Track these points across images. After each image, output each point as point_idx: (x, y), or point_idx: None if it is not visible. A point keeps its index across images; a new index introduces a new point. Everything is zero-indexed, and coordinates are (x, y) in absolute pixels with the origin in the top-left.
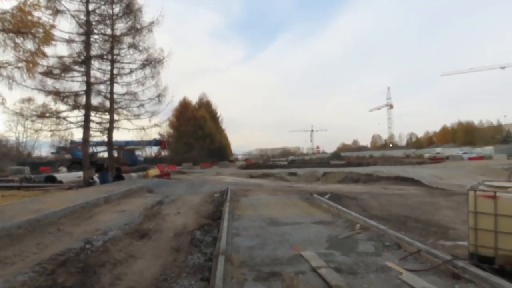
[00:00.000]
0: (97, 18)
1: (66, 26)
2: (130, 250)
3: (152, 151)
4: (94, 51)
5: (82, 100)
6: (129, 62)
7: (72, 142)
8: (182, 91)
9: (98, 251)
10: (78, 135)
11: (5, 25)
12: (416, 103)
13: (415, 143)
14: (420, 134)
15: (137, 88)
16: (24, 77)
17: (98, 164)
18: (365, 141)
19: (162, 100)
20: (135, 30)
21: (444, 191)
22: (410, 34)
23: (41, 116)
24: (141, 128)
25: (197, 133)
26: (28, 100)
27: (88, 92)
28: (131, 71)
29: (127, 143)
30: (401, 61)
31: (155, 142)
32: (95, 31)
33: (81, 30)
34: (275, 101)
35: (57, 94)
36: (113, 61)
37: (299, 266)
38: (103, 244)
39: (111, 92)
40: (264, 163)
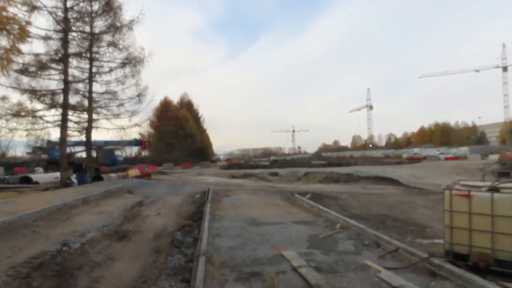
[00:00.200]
0: (75, 15)
1: (43, 23)
2: (108, 252)
3: (132, 151)
4: (72, 48)
5: (60, 98)
6: (109, 61)
7: (49, 142)
8: (163, 91)
9: (76, 253)
10: (55, 134)
11: None
12: (395, 104)
13: (394, 143)
14: (399, 134)
15: (116, 87)
16: None
17: (76, 164)
18: (346, 141)
19: (143, 99)
20: (114, 28)
21: (422, 190)
22: (390, 36)
23: (16, 115)
24: (120, 127)
25: (178, 133)
26: (3, 98)
27: (65, 91)
28: (111, 70)
29: (106, 143)
30: (381, 63)
31: (135, 142)
32: (73, 28)
33: (59, 27)
34: (257, 101)
35: (33, 93)
36: (92, 59)
37: (279, 266)
38: (81, 246)
39: (90, 91)
40: (246, 163)
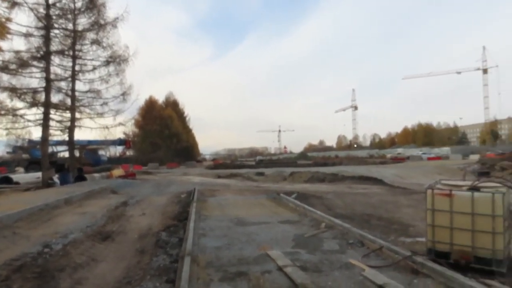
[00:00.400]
0: (58, 12)
1: (24, 20)
2: (92, 253)
3: (117, 150)
4: (55, 46)
5: (41, 97)
6: (92, 59)
7: (30, 141)
8: (148, 90)
9: (58, 255)
10: (36, 133)
11: None
12: (380, 105)
13: (378, 143)
14: (383, 135)
15: (100, 85)
16: None
17: (59, 164)
18: (331, 141)
19: (127, 98)
20: (98, 25)
21: (405, 190)
22: (374, 38)
23: None
24: (104, 127)
25: (163, 133)
26: None
27: (47, 89)
28: (94, 68)
29: (90, 142)
30: (366, 64)
31: (120, 142)
32: (56, 25)
33: (40, 24)
34: (243, 101)
35: (14, 91)
36: (74, 57)
37: (265, 266)
38: (63, 248)
39: (73, 90)
40: (232, 163)
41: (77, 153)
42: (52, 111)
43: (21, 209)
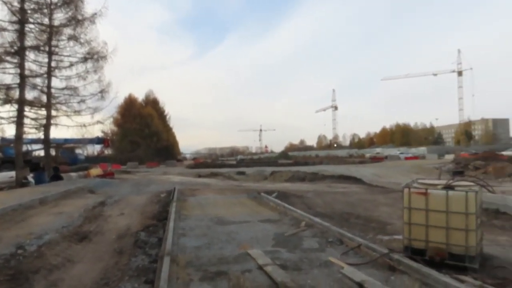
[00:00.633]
0: (33, 6)
1: None
2: (68, 254)
3: (95, 149)
4: (29, 41)
5: (15, 94)
6: (69, 55)
7: (3, 139)
8: (128, 88)
9: (32, 256)
10: (10, 131)
11: None
12: (359, 105)
13: (358, 143)
14: (362, 135)
15: (77, 82)
16: None
17: (33, 163)
18: (312, 141)
19: (106, 96)
20: (76, 21)
21: (383, 188)
22: (354, 39)
23: None
24: (82, 125)
25: (143, 131)
26: None
27: (22, 86)
28: (71, 65)
29: (66, 140)
30: (346, 65)
31: (98, 140)
32: (31, 20)
33: (15, 18)
34: (224, 100)
35: None
36: (51, 53)
37: (245, 265)
38: (38, 249)
39: (49, 86)
40: (213, 162)
41: (53, 152)
42: (26, 108)
43: None
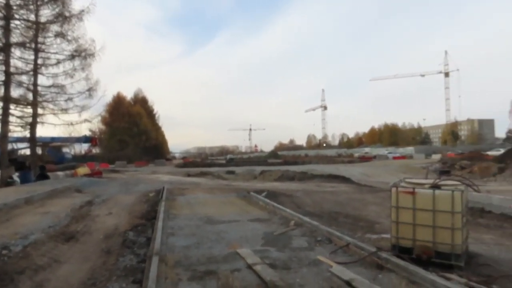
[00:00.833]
0: (19, 2)
1: None
2: (54, 254)
3: (82, 148)
4: (15, 38)
5: (0, 91)
6: (56, 52)
7: None
8: (116, 86)
9: (17, 256)
10: None
11: None
12: (348, 105)
13: (347, 143)
14: (351, 134)
15: (65, 80)
16: None
17: (19, 162)
18: (301, 140)
19: (93, 94)
20: (63, 17)
21: (371, 188)
22: (344, 39)
23: None
24: (69, 123)
25: (132, 130)
26: None
27: (7, 83)
28: (58, 62)
29: (53, 139)
30: (335, 65)
31: (85, 139)
32: (16, 16)
33: (0, 14)
34: (214, 99)
35: None
36: (37, 50)
37: (234, 264)
38: (23, 249)
39: (35, 84)
40: (202, 162)
41: (39, 151)
42: (12, 106)
43: None
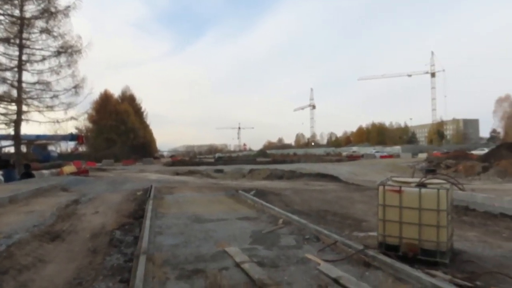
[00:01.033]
0: None
1: None
2: (39, 254)
3: (68, 146)
4: None
5: None
6: (42, 48)
7: None
8: (103, 84)
9: (1, 256)
10: None
11: None
12: (337, 104)
13: (335, 142)
14: (339, 133)
15: (50, 77)
16: None
17: (3, 160)
18: (290, 139)
19: (80, 91)
20: (48, 13)
21: (359, 186)
22: (332, 39)
23: None
24: (55, 121)
25: (119, 128)
26: None
27: None
28: (44, 58)
29: (38, 137)
30: (324, 64)
31: (71, 137)
32: (0, 11)
33: None
34: (203, 97)
35: None
36: (22, 46)
37: (223, 262)
38: (7, 249)
39: (19, 80)
40: (191, 160)
41: (24, 149)
42: None
43: None
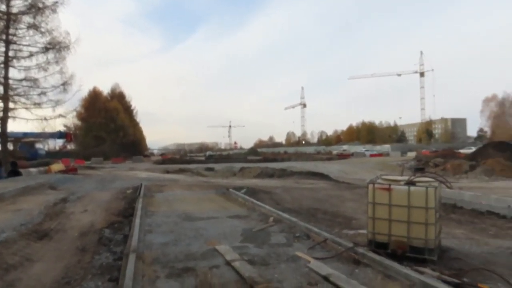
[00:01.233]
0: None
1: None
2: (26, 252)
3: (56, 144)
4: None
5: None
6: (29, 44)
7: None
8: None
9: None
10: None
11: None
12: (327, 103)
13: (325, 140)
14: (330, 132)
15: (38, 73)
16: None
17: None
18: (280, 137)
19: (68, 88)
20: (36, 9)
21: (349, 184)
22: (323, 38)
23: None
24: (42, 118)
25: (108, 126)
26: None
27: None
28: (31, 55)
29: (26, 134)
30: (314, 63)
31: (60, 135)
32: None
33: None
34: (193, 95)
35: None
36: (8, 42)
37: (213, 261)
38: None
39: (6, 77)
40: (181, 158)
41: (10, 146)
42: None
43: None
